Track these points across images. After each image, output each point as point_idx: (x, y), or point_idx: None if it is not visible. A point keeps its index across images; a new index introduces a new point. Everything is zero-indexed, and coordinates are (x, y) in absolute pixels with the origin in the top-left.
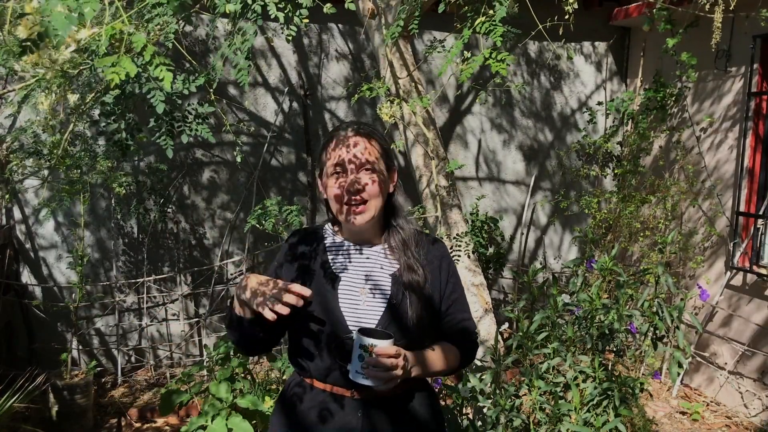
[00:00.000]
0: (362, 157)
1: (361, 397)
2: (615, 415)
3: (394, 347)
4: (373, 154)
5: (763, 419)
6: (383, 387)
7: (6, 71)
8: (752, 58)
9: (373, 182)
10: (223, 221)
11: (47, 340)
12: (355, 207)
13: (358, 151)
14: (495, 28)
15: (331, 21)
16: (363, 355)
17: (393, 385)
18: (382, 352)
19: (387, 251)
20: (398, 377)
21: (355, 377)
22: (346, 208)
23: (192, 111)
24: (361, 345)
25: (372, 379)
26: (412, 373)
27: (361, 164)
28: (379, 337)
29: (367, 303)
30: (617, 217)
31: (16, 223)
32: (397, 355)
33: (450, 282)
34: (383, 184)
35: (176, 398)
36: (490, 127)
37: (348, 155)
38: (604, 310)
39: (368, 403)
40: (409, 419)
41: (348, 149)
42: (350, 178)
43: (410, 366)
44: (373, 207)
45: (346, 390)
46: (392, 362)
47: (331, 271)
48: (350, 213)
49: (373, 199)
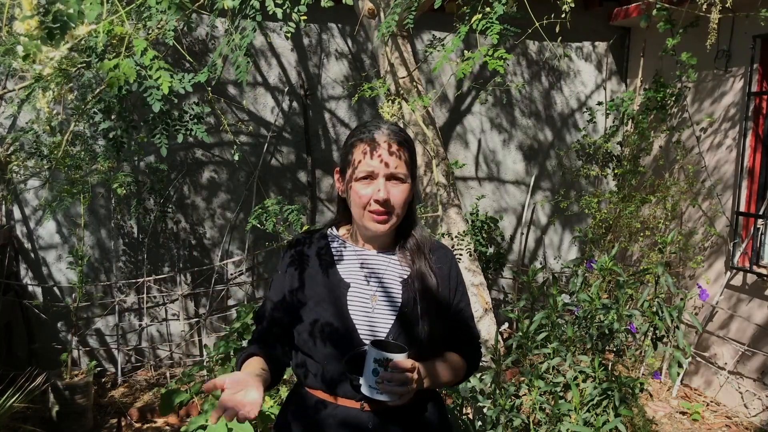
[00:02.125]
0: (395, 169)
1: (372, 409)
2: (615, 415)
3: (409, 360)
4: (405, 165)
5: (763, 419)
6: (399, 401)
7: (6, 71)
8: (752, 58)
9: (401, 194)
10: (223, 221)
11: (47, 340)
12: (378, 216)
13: (391, 160)
14: (492, 26)
15: (331, 20)
16: (377, 369)
17: (407, 399)
18: (398, 367)
19: (399, 257)
20: (414, 391)
21: (370, 393)
22: (369, 215)
23: (189, 110)
24: (375, 359)
25: (388, 394)
26: (423, 384)
27: (392, 175)
28: (393, 350)
29: (378, 310)
30: (617, 217)
31: (16, 223)
32: (412, 368)
33: (458, 290)
34: (408, 196)
35: (176, 398)
36: (489, 126)
37: (381, 164)
38: (604, 310)
39: (378, 415)
40: (418, 427)
41: (381, 157)
42: (380, 187)
43: (423, 377)
44: (395, 217)
45: (355, 402)
46: (408, 376)
47: (339, 277)
48: (372, 221)
49: (398, 210)
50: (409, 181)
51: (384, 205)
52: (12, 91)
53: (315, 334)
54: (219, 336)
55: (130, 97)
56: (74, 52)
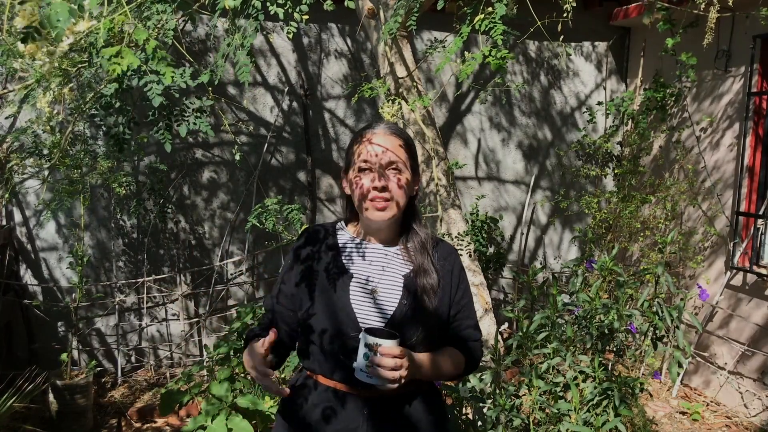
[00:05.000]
0: (391, 156)
1: (366, 395)
2: (615, 415)
3: (399, 347)
4: (401, 155)
5: (763, 419)
6: (387, 387)
7: (6, 71)
8: (752, 58)
9: (398, 181)
10: (223, 221)
11: (47, 340)
12: (378, 203)
13: (387, 150)
14: (495, 26)
15: (331, 20)
16: (368, 353)
17: (397, 385)
18: (386, 352)
19: (402, 252)
20: (402, 377)
21: (360, 375)
22: (370, 204)
23: (190, 104)
24: (366, 344)
25: (375, 378)
26: (417, 375)
27: (389, 163)
28: (385, 337)
29: (378, 302)
30: (617, 216)
31: (16, 223)
32: (401, 355)
33: (460, 288)
34: (408, 185)
35: (176, 398)
36: (489, 126)
37: (377, 152)
38: (604, 310)
39: (373, 402)
40: (413, 419)
41: (378, 147)
42: (378, 175)
43: (415, 367)
44: (395, 206)
45: (351, 388)
46: (396, 362)
47: (343, 268)
48: (373, 209)
49: (397, 198)
50: (409, 173)
51: (383, 192)
52: (12, 91)
53: (317, 321)
54: (219, 336)
55: (130, 94)
56: (74, 52)
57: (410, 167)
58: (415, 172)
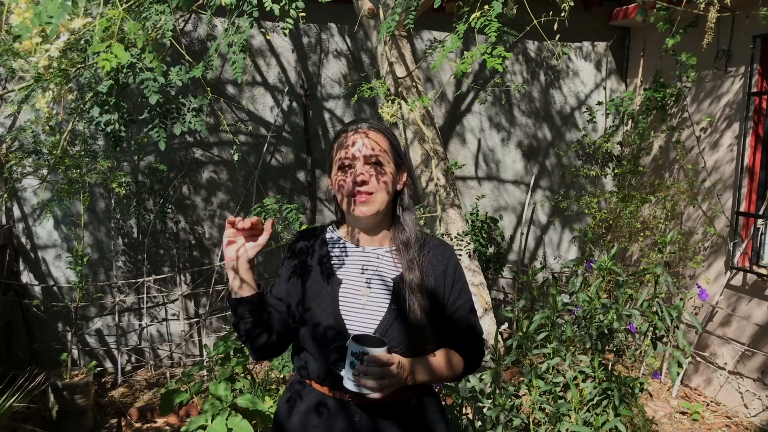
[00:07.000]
0: (369, 151)
1: (358, 402)
2: (615, 415)
3: (386, 355)
4: (381, 149)
5: (763, 419)
6: (375, 395)
7: (6, 71)
8: (752, 58)
9: (379, 175)
10: (223, 221)
11: (47, 340)
12: (359, 197)
13: (365, 144)
14: (490, 24)
15: (330, 20)
16: (354, 362)
17: (386, 393)
18: (373, 360)
19: (393, 253)
20: (391, 385)
21: (348, 384)
22: (352, 200)
23: (186, 102)
24: (353, 352)
25: (362, 387)
26: (410, 380)
27: (367, 157)
28: (372, 344)
29: (368, 306)
30: (617, 216)
31: (15, 222)
32: (389, 363)
33: (455, 288)
34: (390, 179)
35: (176, 398)
36: (489, 125)
37: (355, 148)
38: (604, 310)
39: (366, 408)
40: (409, 426)
41: (355, 143)
42: (358, 171)
43: (406, 373)
44: (378, 200)
45: (344, 394)
46: (383, 371)
47: (332, 272)
48: (357, 204)
49: (379, 192)
50: (391, 167)
51: (362, 186)
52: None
53: (308, 327)
54: (219, 336)
55: (128, 93)
56: (73, 52)
57: (393, 160)
58: (399, 166)
